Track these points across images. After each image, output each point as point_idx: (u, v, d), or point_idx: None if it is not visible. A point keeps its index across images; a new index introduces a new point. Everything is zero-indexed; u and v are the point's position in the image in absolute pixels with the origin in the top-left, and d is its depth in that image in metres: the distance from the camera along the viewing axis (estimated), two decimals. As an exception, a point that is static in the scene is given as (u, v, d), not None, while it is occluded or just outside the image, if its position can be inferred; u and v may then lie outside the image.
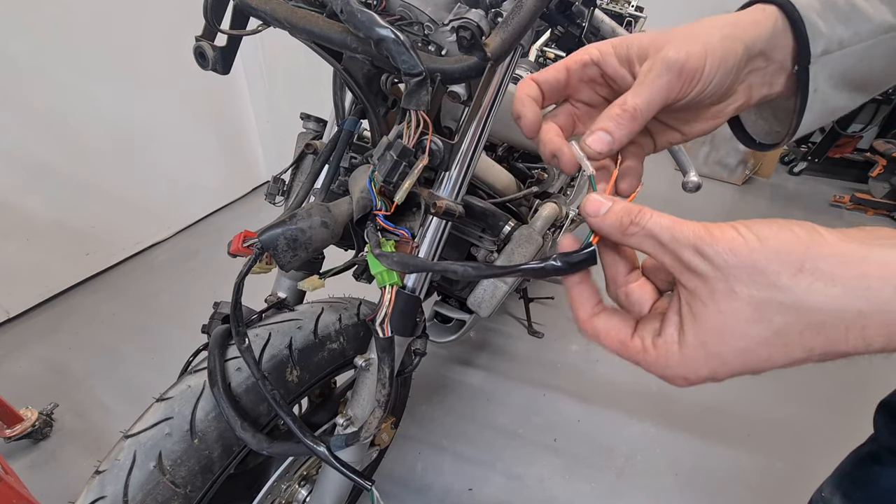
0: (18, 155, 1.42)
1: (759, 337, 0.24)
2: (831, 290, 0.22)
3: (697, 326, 0.25)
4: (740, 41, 0.33)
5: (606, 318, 0.30)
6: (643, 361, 0.28)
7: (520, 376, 1.44)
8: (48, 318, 1.55)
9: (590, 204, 0.28)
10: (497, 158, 1.05)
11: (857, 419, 0.65)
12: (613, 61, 0.34)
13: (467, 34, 0.44)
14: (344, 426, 0.63)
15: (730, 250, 0.24)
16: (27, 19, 1.36)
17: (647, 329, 0.28)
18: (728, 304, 0.24)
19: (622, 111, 0.31)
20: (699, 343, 0.25)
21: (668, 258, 0.26)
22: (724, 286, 0.24)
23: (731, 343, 0.25)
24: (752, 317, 0.24)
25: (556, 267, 0.30)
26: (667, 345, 0.27)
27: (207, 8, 0.53)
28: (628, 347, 0.29)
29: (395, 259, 0.43)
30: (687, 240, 0.25)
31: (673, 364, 0.26)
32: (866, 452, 0.61)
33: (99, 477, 0.49)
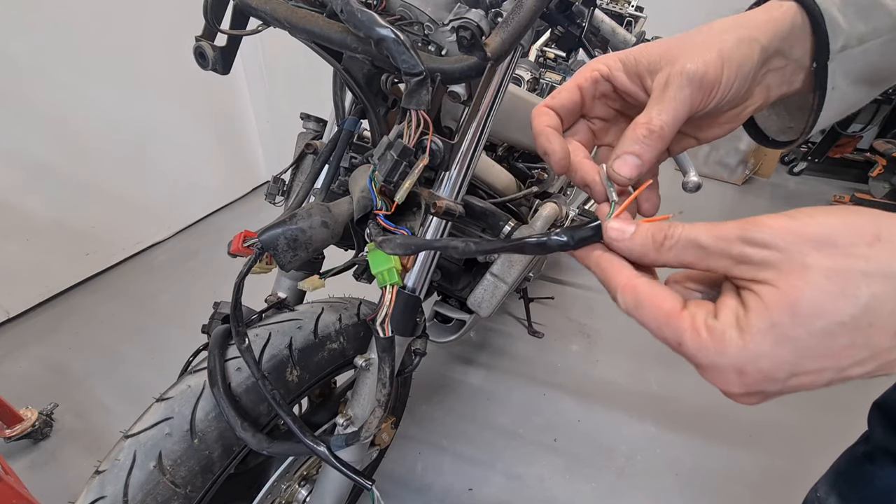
0: (18, 155, 1.42)
1: (843, 314, 0.20)
2: None
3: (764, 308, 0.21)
4: (756, 43, 0.31)
5: (650, 284, 0.25)
6: (689, 343, 0.23)
7: (520, 376, 1.44)
8: (48, 318, 1.55)
9: (612, 231, 0.26)
10: (497, 158, 1.05)
11: (855, 418, 0.65)
12: (622, 76, 0.33)
13: (467, 34, 0.44)
14: (344, 426, 0.63)
15: (787, 231, 0.21)
16: (27, 19, 1.35)
17: (700, 308, 0.23)
18: (802, 279, 0.20)
19: (649, 132, 0.29)
20: (766, 326, 0.21)
21: (715, 261, 0.23)
22: (794, 264, 0.20)
23: (808, 322, 0.20)
24: (832, 290, 0.20)
25: (559, 242, 0.28)
26: (723, 327, 0.22)
27: (207, 8, 0.53)
28: (675, 321, 0.23)
29: (399, 241, 0.43)
30: (733, 234, 0.22)
31: (729, 353, 0.21)
32: (861, 452, 0.61)
33: (99, 477, 0.49)
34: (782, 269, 0.21)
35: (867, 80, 0.36)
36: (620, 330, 1.63)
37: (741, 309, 0.22)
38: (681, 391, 1.41)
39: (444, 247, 0.36)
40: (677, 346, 0.23)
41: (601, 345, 1.57)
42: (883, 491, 0.57)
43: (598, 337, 1.60)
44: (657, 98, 0.30)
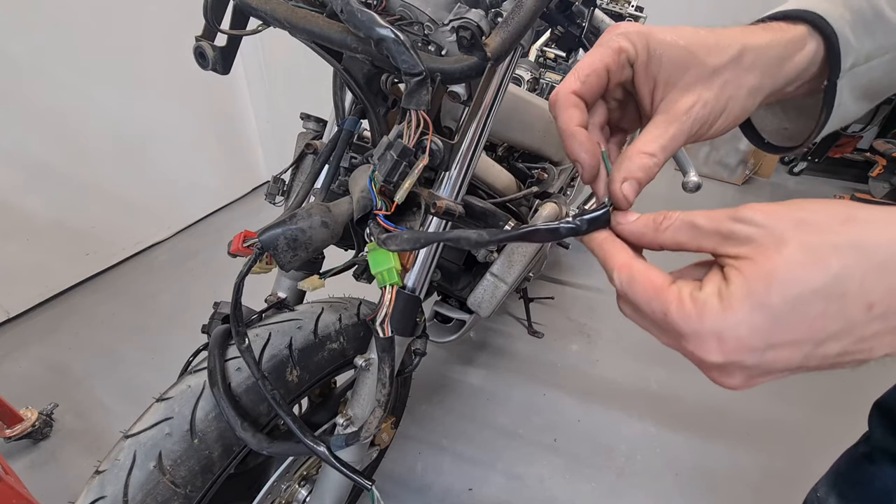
0: (18, 155, 1.42)
1: (816, 281, 0.21)
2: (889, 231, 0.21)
3: (743, 278, 0.23)
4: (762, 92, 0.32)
5: (644, 265, 0.27)
6: (675, 313, 0.24)
7: (520, 376, 1.44)
8: (48, 318, 1.55)
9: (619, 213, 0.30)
10: (497, 158, 1.05)
11: (855, 418, 0.65)
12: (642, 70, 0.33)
13: (467, 34, 0.44)
14: (344, 426, 0.63)
15: (771, 212, 0.23)
16: (27, 19, 1.35)
17: (687, 284, 0.25)
18: (777, 252, 0.22)
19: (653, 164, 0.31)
20: (744, 294, 0.22)
21: (706, 239, 0.25)
22: (772, 239, 0.22)
23: (782, 290, 0.22)
24: (805, 260, 0.21)
25: (570, 227, 0.29)
26: (706, 297, 0.24)
27: (207, 8, 0.53)
28: (663, 294, 0.25)
29: (405, 237, 0.43)
30: (721, 215, 0.25)
31: (709, 318, 0.23)
32: (861, 452, 0.61)
33: (99, 477, 0.49)
34: (762, 243, 0.23)
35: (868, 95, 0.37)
36: (620, 330, 1.63)
37: (723, 282, 0.24)
38: (681, 391, 1.41)
39: (455, 238, 0.35)
40: (663, 315, 0.25)
41: (601, 345, 1.57)
42: (883, 491, 0.57)
43: (598, 337, 1.60)
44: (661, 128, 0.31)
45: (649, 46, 0.32)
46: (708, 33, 0.32)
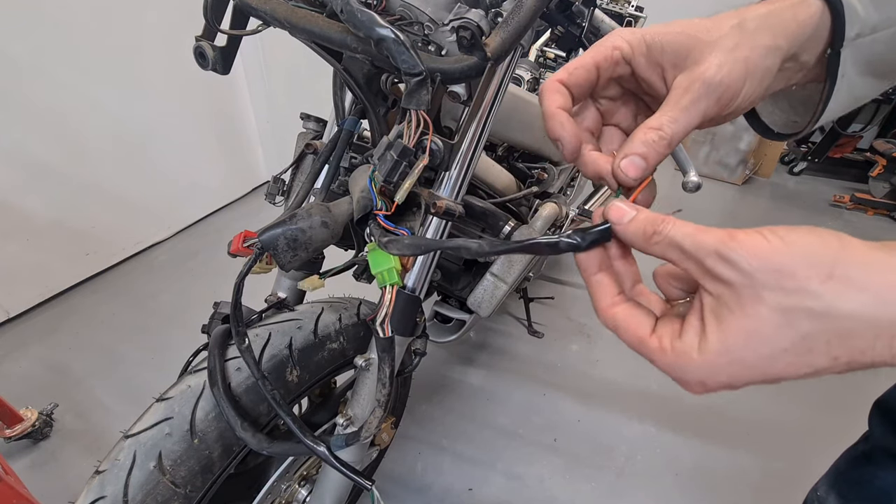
0: (18, 155, 1.42)
1: (786, 342, 0.23)
2: (862, 298, 0.22)
3: (721, 332, 0.25)
4: (780, 52, 0.31)
5: (627, 311, 0.29)
6: (660, 362, 0.27)
7: (520, 376, 1.44)
8: (48, 318, 1.55)
9: (613, 211, 0.28)
10: (497, 158, 1.05)
11: (855, 418, 0.65)
12: (643, 62, 0.32)
13: (467, 34, 0.44)
14: (344, 426, 0.63)
15: (755, 255, 0.23)
16: (27, 19, 1.35)
17: (667, 329, 0.27)
18: (754, 310, 0.24)
19: (659, 139, 0.30)
20: (722, 349, 0.25)
21: (691, 265, 0.26)
22: (751, 292, 0.24)
23: (754, 349, 0.24)
24: (778, 322, 0.23)
25: (570, 243, 0.29)
26: (686, 349, 0.26)
27: (207, 8, 0.53)
28: (645, 344, 0.28)
29: (406, 242, 0.43)
30: (710, 246, 0.25)
31: (691, 369, 0.26)
32: (860, 451, 0.61)
33: (99, 477, 0.49)
34: (742, 294, 0.24)
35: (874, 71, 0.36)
36: (620, 330, 1.63)
37: (702, 332, 0.26)
38: (681, 391, 1.40)
39: (455, 247, 0.35)
40: (651, 361, 0.28)
41: (601, 345, 1.57)
42: (883, 490, 0.57)
43: (598, 337, 1.60)
44: (674, 103, 0.30)
45: (646, 39, 0.32)
46: (703, 19, 0.32)
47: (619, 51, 0.32)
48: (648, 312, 0.29)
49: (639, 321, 0.28)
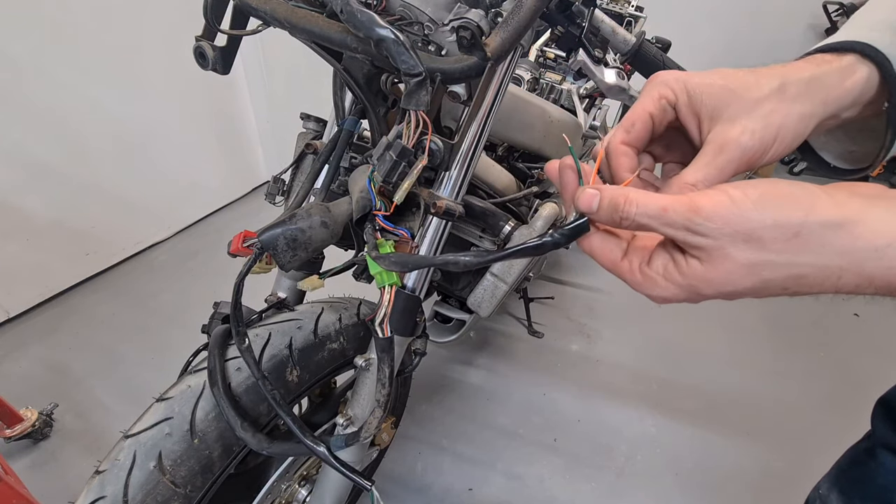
0: (18, 155, 1.42)
1: (746, 285, 0.27)
2: (821, 251, 0.25)
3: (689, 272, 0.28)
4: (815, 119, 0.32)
5: (601, 239, 0.32)
6: (630, 281, 0.31)
7: (520, 376, 1.44)
8: (48, 318, 1.55)
9: (582, 202, 0.30)
10: (497, 158, 1.05)
11: (857, 417, 0.65)
12: (683, 110, 0.33)
13: (467, 34, 0.44)
14: (344, 426, 0.63)
15: (724, 220, 0.26)
16: (27, 19, 1.35)
17: (636, 255, 0.31)
18: (721, 264, 0.26)
19: None
20: (685, 283, 0.28)
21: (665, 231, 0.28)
22: (720, 252, 0.26)
23: (717, 288, 0.27)
24: (743, 273, 0.26)
25: (554, 241, 0.31)
26: (653, 275, 0.29)
27: (207, 8, 0.53)
28: (618, 266, 0.31)
29: (393, 259, 0.43)
30: (678, 223, 0.27)
31: (657, 290, 0.30)
32: (863, 449, 0.61)
33: (99, 477, 0.49)
34: (712, 254, 0.27)
35: None
36: (620, 330, 1.63)
37: (671, 263, 0.29)
38: (681, 391, 1.41)
39: (443, 263, 0.36)
40: (622, 279, 0.31)
41: (601, 345, 1.57)
42: (885, 488, 0.57)
43: (598, 337, 1.60)
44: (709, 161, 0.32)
45: (687, 88, 0.33)
46: (746, 73, 0.32)
47: (664, 99, 0.34)
48: (619, 241, 0.32)
49: (611, 247, 0.31)
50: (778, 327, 1.67)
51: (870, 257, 0.25)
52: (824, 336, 1.64)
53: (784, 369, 1.50)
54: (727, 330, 1.64)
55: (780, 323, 1.69)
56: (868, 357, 1.55)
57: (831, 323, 1.69)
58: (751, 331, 1.65)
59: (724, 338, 1.61)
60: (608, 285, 1.84)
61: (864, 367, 1.50)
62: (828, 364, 1.53)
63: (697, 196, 0.27)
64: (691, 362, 1.51)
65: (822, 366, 1.52)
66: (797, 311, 1.74)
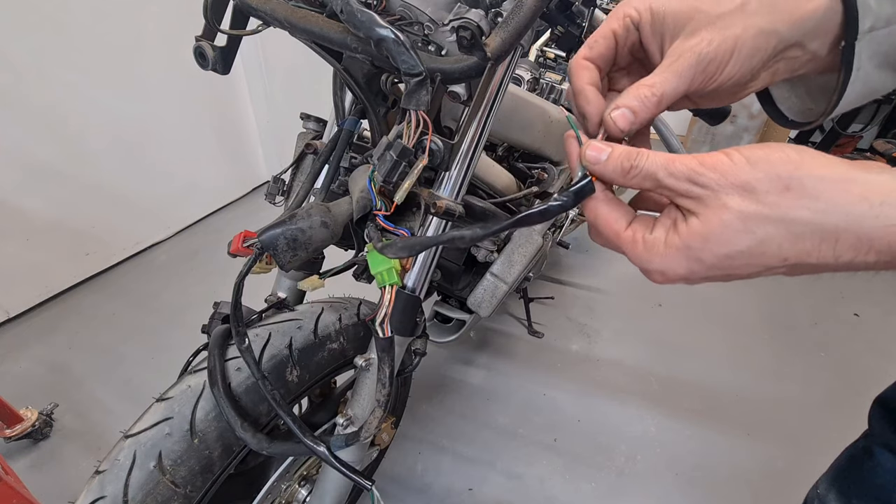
0: (18, 155, 1.42)
1: (742, 245, 0.26)
2: (814, 205, 0.25)
3: (687, 232, 0.28)
4: (776, 35, 0.32)
5: (608, 207, 0.32)
6: (630, 252, 0.30)
7: (520, 376, 1.44)
8: (48, 318, 1.55)
9: (591, 151, 0.30)
10: (497, 158, 1.05)
11: (857, 417, 0.65)
12: (647, 29, 0.34)
13: (467, 34, 0.44)
14: (344, 426, 0.63)
15: (722, 174, 0.26)
16: (27, 19, 1.36)
17: (640, 225, 0.31)
18: (717, 216, 0.27)
19: (651, 94, 0.32)
20: (684, 245, 0.28)
21: (666, 191, 0.29)
22: (716, 202, 0.27)
23: (714, 248, 0.27)
24: (738, 227, 0.26)
25: (559, 204, 0.31)
26: (654, 241, 0.29)
27: (207, 8, 0.53)
28: (620, 237, 0.31)
29: (400, 245, 0.43)
30: (682, 174, 0.27)
31: (655, 259, 0.29)
32: (860, 448, 0.61)
33: (99, 477, 0.50)
34: (709, 205, 0.27)
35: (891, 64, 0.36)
36: (620, 330, 1.63)
37: (672, 229, 0.29)
38: (681, 391, 1.41)
39: (449, 239, 0.36)
40: (623, 253, 0.31)
41: (601, 345, 1.57)
42: (882, 486, 0.57)
43: (598, 337, 1.60)
44: (665, 67, 0.33)
45: (651, 7, 0.34)
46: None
47: (629, 18, 0.35)
48: (627, 211, 0.32)
49: (616, 216, 0.31)
50: (778, 327, 1.67)
51: (866, 214, 0.24)
52: (824, 336, 1.64)
53: (784, 369, 1.50)
54: (727, 330, 1.64)
55: (781, 323, 1.69)
56: (868, 357, 1.55)
57: (831, 323, 1.69)
58: (751, 331, 1.65)
59: (725, 338, 1.61)
60: (608, 285, 1.84)
61: (864, 367, 1.50)
62: (828, 364, 1.53)
63: (700, 154, 0.28)
64: (691, 362, 1.51)
65: (822, 366, 1.52)
66: (797, 312, 1.74)
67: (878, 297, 1.81)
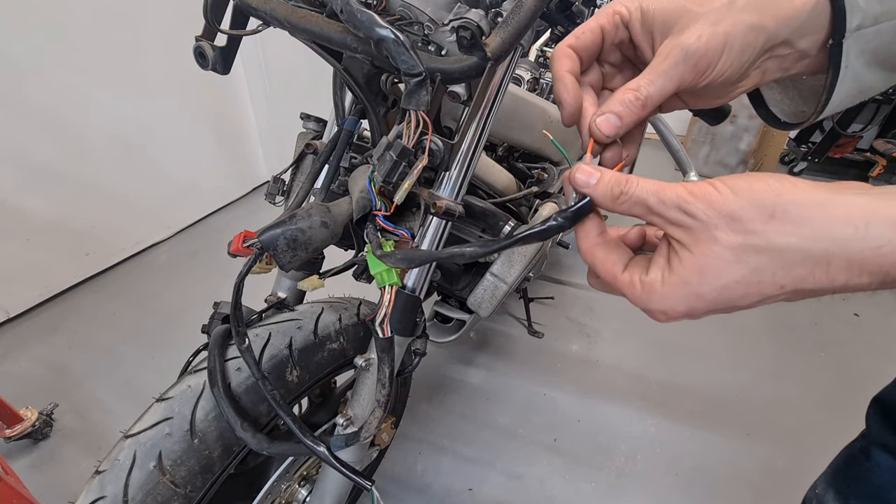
0: (18, 155, 1.42)
1: (737, 275, 0.27)
2: (801, 231, 0.25)
3: (681, 268, 0.28)
4: (765, 32, 0.32)
5: (605, 251, 0.32)
6: (630, 294, 0.31)
7: (520, 376, 1.44)
8: (48, 318, 1.55)
9: (579, 175, 0.31)
10: (497, 158, 1.05)
11: (857, 417, 0.65)
12: (637, 28, 0.34)
13: (467, 34, 0.44)
14: (344, 426, 0.63)
15: (709, 205, 0.27)
16: (27, 19, 1.36)
17: (637, 267, 0.31)
18: (709, 249, 0.27)
19: (635, 98, 0.32)
20: (681, 282, 0.28)
21: (656, 218, 0.29)
22: (707, 234, 0.27)
23: (710, 282, 0.27)
24: (730, 259, 0.27)
25: (557, 225, 0.31)
26: (651, 282, 0.29)
27: (207, 8, 0.53)
28: (618, 280, 0.31)
29: (399, 256, 0.43)
30: (672, 202, 0.28)
31: (655, 299, 0.29)
32: (858, 448, 0.61)
33: (99, 477, 0.49)
34: (699, 237, 0.27)
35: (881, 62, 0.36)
36: (620, 330, 1.63)
37: (667, 268, 0.29)
38: (681, 391, 1.41)
39: (448, 256, 0.36)
40: (623, 295, 0.31)
41: (601, 345, 1.57)
42: (880, 486, 0.57)
43: (598, 337, 1.60)
44: (653, 67, 0.33)
45: (641, 6, 0.34)
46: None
47: (618, 15, 0.35)
48: (623, 253, 0.32)
49: (614, 259, 0.32)
50: (778, 328, 1.67)
51: (852, 237, 0.24)
52: (824, 337, 1.64)
53: (784, 369, 1.50)
54: (727, 330, 1.64)
55: (781, 324, 1.69)
56: (868, 357, 1.55)
57: (831, 324, 1.69)
58: (751, 331, 1.65)
59: (725, 338, 1.61)
60: (608, 285, 1.84)
61: (863, 367, 1.50)
62: (828, 364, 1.53)
63: (689, 184, 0.28)
64: (691, 362, 1.51)
65: (822, 366, 1.52)
66: (797, 312, 1.74)
67: (879, 297, 1.81)
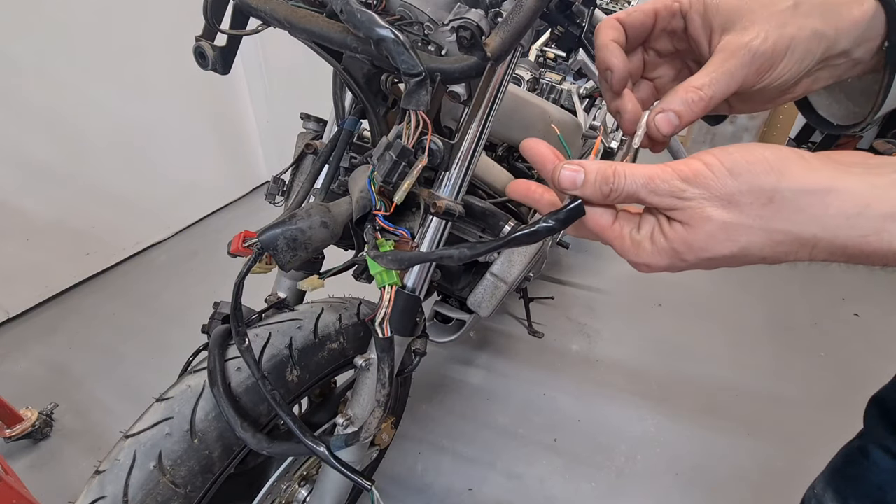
0: (18, 155, 1.42)
1: (726, 251, 0.28)
2: (795, 217, 0.26)
3: (672, 235, 0.29)
4: (827, 40, 0.32)
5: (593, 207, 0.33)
6: (618, 246, 0.31)
7: (520, 376, 1.44)
8: (48, 318, 1.55)
9: (565, 172, 0.30)
10: (497, 158, 1.05)
11: (857, 417, 0.65)
12: (697, 19, 0.34)
13: (467, 34, 0.44)
14: (344, 426, 0.63)
15: (704, 188, 0.27)
16: (27, 19, 1.35)
17: (627, 222, 0.31)
18: (702, 226, 0.27)
19: (699, 98, 0.32)
20: (670, 248, 0.29)
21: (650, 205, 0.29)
22: (701, 213, 0.27)
23: (698, 253, 0.28)
24: (721, 237, 0.27)
25: (547, 227, 0.31)
26: (641, 240, 0.30)
27: (207, 8, 0.53)
28: (608, 231, 0.31)
29: (390, 258, 0.44)
30: (665, 191, 0.28)
31: (642, 255, 0.30)
32: (856, 448, 0.61)
33: (99, 477, 0.49)
34: (692, 214, 0.28)
35: None
36: (620, 330, 1.63)
37: (657, 228, 0.30)
38: (681, 391, 1.41)
39: (438, 258, 0.36)
40: (610, 245, 0.32)
41: (601, 345, 1.57)
42: (878, 486, 0.57)
43: (598, 337, 1.60)
44: (716, 66, 0.32)
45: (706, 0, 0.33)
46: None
47: (678, 4, 0.34)
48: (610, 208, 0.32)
49: (601, 211, 0.32)
50: (778, 328, 1.67)
51: (842, 226, 0.25)
52: (824, 336, 1.64)
53: (784, 369, 1.50)
54: (727, 330, 1.64)
55: (780, 323, 1.69)
56: (868, 357, 1.55)
57: (831, 323, 1.69)
58: (751, 331, 1.65)
59: (725, 338, 1.61)
60: (608, 285, 1.84)
61: (863, 367, 1.50)
62: (828, 364, 1.53)
63: (677, 164, 0.28)
64: (691, 362, 1.51)
65: (821, 366, 1.52)
66: (797, 312, 1.74)
67: (879, 297, 1.81)
